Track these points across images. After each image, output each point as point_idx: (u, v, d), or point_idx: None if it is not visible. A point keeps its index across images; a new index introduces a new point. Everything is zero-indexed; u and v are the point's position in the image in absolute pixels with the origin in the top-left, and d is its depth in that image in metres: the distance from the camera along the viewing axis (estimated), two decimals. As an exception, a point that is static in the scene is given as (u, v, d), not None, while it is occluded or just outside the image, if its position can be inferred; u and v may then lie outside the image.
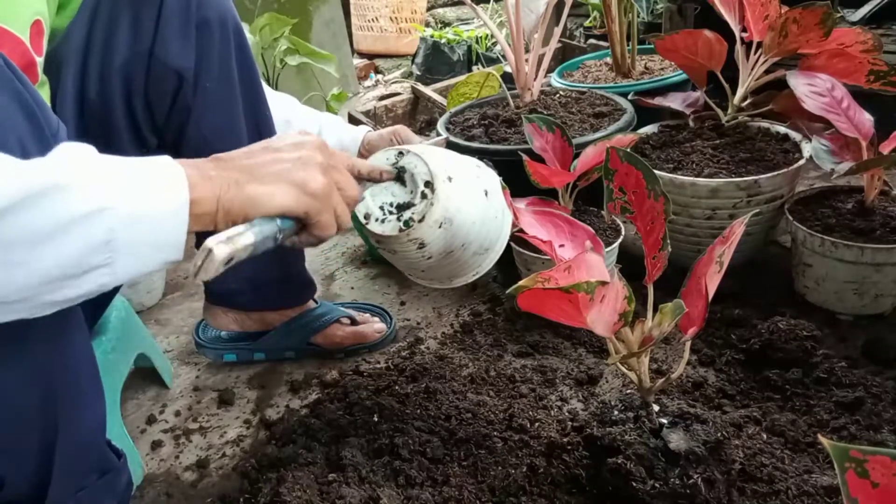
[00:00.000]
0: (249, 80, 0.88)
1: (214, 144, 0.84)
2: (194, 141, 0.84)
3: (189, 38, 0.78)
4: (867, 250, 0.92)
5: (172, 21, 0.77)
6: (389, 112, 2.09)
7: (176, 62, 0.78)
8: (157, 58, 0.77)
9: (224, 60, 0.83)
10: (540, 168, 1.01)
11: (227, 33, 0.83)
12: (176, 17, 0.77)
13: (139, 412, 1.02)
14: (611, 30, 1.62)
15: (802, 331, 0.91)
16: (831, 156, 1.01)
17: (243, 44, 0.86)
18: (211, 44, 0.81)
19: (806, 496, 0.70)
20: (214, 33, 0.81)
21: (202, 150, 0.83)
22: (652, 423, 0.71)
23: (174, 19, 0.77)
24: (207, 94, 0.82)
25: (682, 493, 0.65)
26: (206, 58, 0.81)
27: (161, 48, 0.77)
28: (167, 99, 0.81)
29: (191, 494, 0.86)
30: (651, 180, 0.68)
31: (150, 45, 0.76)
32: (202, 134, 0.84)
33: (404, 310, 1.20)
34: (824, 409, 0.82)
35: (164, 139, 0.84)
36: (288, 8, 2.36)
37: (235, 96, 0.86)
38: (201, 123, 0.83)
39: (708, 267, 0.65)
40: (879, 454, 0.35)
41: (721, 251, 0.65)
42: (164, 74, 0.78)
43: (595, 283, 0.58)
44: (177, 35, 0.77)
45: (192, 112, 0.82)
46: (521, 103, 1.34)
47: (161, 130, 0.83)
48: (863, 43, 1.05)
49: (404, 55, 3.42)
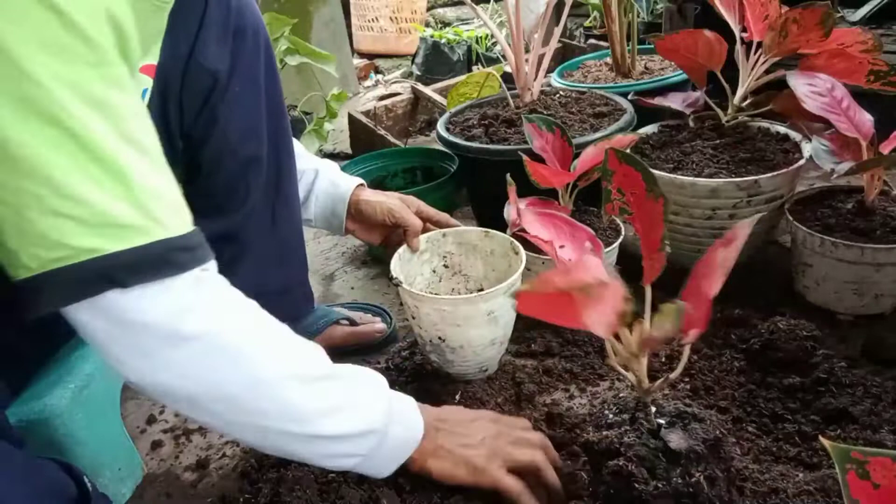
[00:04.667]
0: (273, 89, 0.89)
1: (236, 147, 0.85)
2: (218, 142, 0.84)
3: (226, 43, 0.80)
4: (867, 250, 0.92)
5: (213, 28, 0.78)
6: (389, 112, 2.09)
7: (212, 64, 0.79)
8: (195, 60, 0.78)
9: (253, 67, 0.85)
10: (540, 168, 1.01)
11: (259, 42, 0.84)
12: (217, 24, 0.79)
13: (139, 412, 1.02)
14: (611, 30, 1.62)
15: (802, 331, 0.91)
16: (831, 156, 1.01)
17: (270, 54, 0.88)
18: (244, 50, 0.82)
19: (806, 496, 0.70)
20: (248, 41, 0.83)
21: (224, 151, 0.85)
22: (650, 424, 0.71)
23: (215, 26, 0.79)
24: (235, 97, 0.83)
25: (685, 491, 0.65)
26: (239, 63, 0.82)
27: (200, 52, 0.78)
28: (198, 100, 0.81)
29: (191, 494, 0.86)
30: (650, 181, 0.68)
31: (190, 50, 0.77)
32: (226, 136, 0.85)
33: (404, 310, 1.20)
34: (824, 409, 0.82)
35: (190, 141, 0.84)
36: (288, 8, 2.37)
37: (260, 102, 0.87)
38: (227, 126, 0.84)
39: (709, 269, 0.65)
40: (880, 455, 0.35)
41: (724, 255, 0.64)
42: (200, 75, 0.79)
43: (594, 284, 0.58)
44: (215, 40, 0.79)
45: (219, 114, 0.83)
46: (521, 103, 1.34)
47: (188, 133, 0.83)
48: (863, 43, 1.05)
49: (404, 55, 3.42)
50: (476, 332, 0.87)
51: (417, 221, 1.01)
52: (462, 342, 0.88)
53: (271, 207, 0.92)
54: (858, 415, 0.80)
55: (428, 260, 1.03)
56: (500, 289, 0.85)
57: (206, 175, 0.86)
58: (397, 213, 1.01)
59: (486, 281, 1.03)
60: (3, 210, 0.50)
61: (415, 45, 3.02)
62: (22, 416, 0.74)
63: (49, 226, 0.50)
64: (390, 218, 1.01)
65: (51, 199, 0.49)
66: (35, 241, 0.50)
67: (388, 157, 1.60)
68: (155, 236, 0.54)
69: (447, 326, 0.86)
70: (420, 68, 2.87)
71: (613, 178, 0.71)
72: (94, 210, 0.51)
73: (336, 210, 1.03)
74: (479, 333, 0.87)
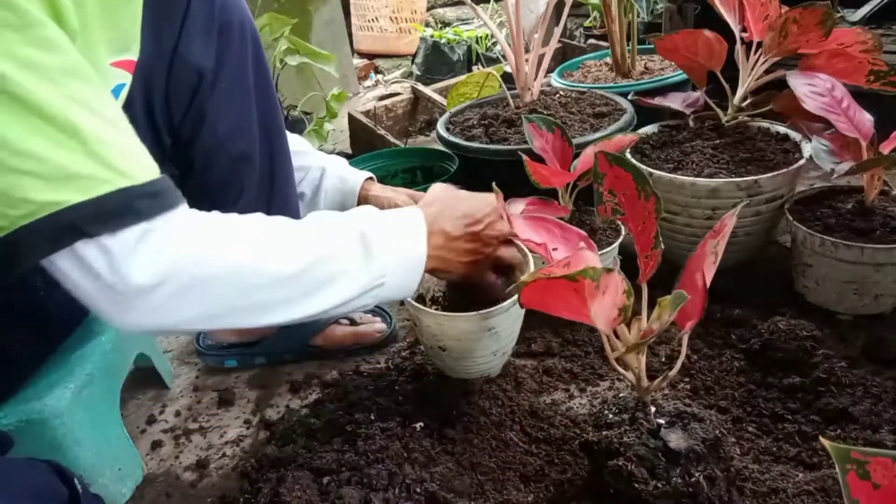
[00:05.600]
0: (263, 84, 0.89)
1: (226, 145, 0.85)
2: (208, 140, 0.84)
3: (211, 39, 0.80)
4: (867, 250, 0.92)
5: (197, 23, 0.78)
6: (389, 112, 2.09)
7: (197, 60, 0.79)
8: (180, 55, 0.78)
9: (241, 63, 0.84)
10: (540, 168, 1.01)
11: (246, 37, 0.84)
12: (200, 19, 0.78)
13: (139, 412, 1.02)
14: (611, 30, 1.62)
15: (802, 331, 0.91)
16: (831, 156, 1.01)
17: (259, 49, 0.87)
18: (230, 46, 0.82)
19: (805, 496, 0.70)
20: (234, 36, 0.82)
21: (215, 149, 0.85)
22: (650, 424, 0.71)
23: (198, 21, 0.78)
24: (223, 94, 0.83)
25: (685, 491, 0.65)
26: (225, 59, 0.82)
27: (185, 47, 0.77)
28: (185, 98, 0.81)
29: (191, 494, 0.86)
30: (641, 181, 0.68)
31: (174, 45, 0.77)
32: (215, 134, 0.84)
33: (404, 310, 1.20)
34: (824, 409, 0.82)
35: (179, 139, 0.84)
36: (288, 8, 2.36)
37: (250, 99, 0.86)
38: (216, 124, 0.84)
39: (702, 261, 0.66)
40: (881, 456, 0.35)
41: (715, 243, 0.65)
42: (185, 72, 0.79)
43: (601, 269, 0.58)
44: (200, 35, 0.78)
45: (207, 112, 0.82)
46: (521, 103, 1.34)
47: (177, 130, 0.83)
48: (863, 43, 1.05)
49: (404, 55, 3.41)
50: (476, 345, 0.86)
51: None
52: (463, 353, 0.88)
53: (266, 204, 0.92)
54: (858, 415, 0.80)
55: None
56: (501, 307, 0.84)
57: (199, 172, 0.86)
58: None
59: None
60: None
61: (415, 45, 3.02)
62: (21, 417, 0.74)
63: (10, 184, 0.51)
64: None
65: (8, 160, 0.51)
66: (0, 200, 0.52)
67: (388, 157, 1.60)
68: (116, 185, 0.55)
69: (447, 339, 0.86)
70: (420, 68, 2.87)
71: (604, 180, 0.71)
72: (51, 165, 0.52)
73: (345, 204, 1.03)
74: (480, 346, 0.87)
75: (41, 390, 0.77)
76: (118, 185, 0.55)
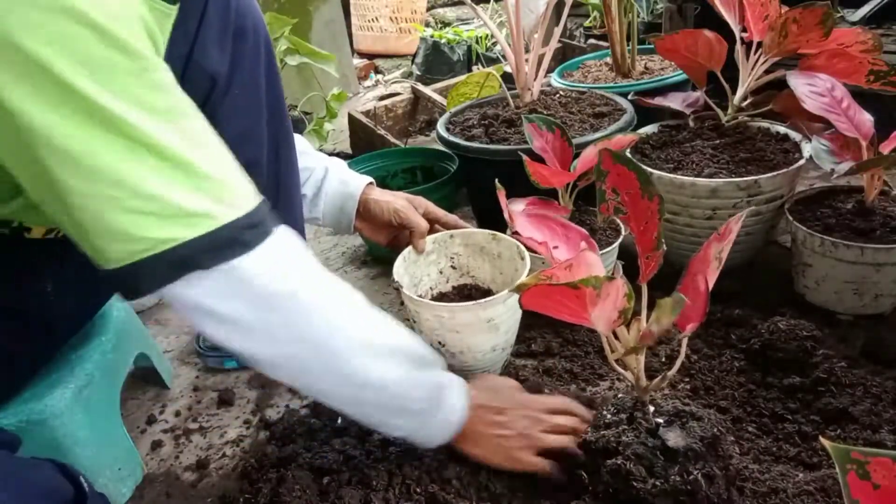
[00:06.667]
0: (274, 91, 0.88)
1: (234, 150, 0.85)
2: None
3: (226, 44, 0.79)
4: (867, 250, 0.92)
5: (213, 28, 0.77)
6: (389, 112, 2.09)
7: (211, 66, 0.78)
8: (195, 61, 0.77)
9: (253, 68, 0.84)
10: (540, 168, 1.01)
11: (259, 41, 0.83)
12: (216, 25, 0.78)
13: (139, 412, 1.02)
14: (611, 30, 1.62)
15: (802, 331, 0.91)
16: (831, 156, 1.01)
17: (270, 52, 0.87)
18: (244, 51, 0.81)
19: (806, 496, 0.70)
20: (248, 41, 0.82)
21: None
22: (648, 423, 0.71)
23: (214, 26, 0.77)
24: (235, 100, 0.82)
25: (684, 489, 0.65)
26: (239, 64, 0.81)
27: (199, 52, 0.77)
28: (198, 102, 0.80)
29: (191, 494, 0.86)
30: (645, 181, 0.68)
31: (189, 50, 0.76)
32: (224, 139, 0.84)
33: (404, 310, 1.20)
34: (824, 409, 0.82)
35: None
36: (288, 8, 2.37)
37: (261, 104, 0.86)
38: (226, 129, 0.83)
39: (704, 263, 0.65)
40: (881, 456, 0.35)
41: (719, 248, 0.65)
42: (199, 78, 0.78)
43: (602, 277, 0.58)
44: (215, 41, 0.78)
45: (217, 117, 0.81)
46: (521, 103, 1.34)
47: None
48: (863, 43, 1.05)
49: (404, 55, 3.42)
50: (475, 339, 0.86)
51: (423, 223, 1.01)
52: (462, 348, 0.88)
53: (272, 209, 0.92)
54: (858, 415, 0.80)
55: (435, 261, 1.03)
56: (499, 297, 0.84)
57: None
58: (403, 214, 1.01)
59: (494, 284, 1.03)
60: (85, 215, 0.55)
61: (415, 45, 3.02)
62: (22, 417, 0.75)
63: (128, 222, 0.55)
64: (396, 218, 1.01)
65: (127, 200, 0.55)
66: (118, 237, 0.55)
67: (388, 157, 1.60)
68: (223, 220, 0.58)
69: (446, 332, 0.86)
70: (420, 68, 2.86)
71: (607, 178, 0.71)
72: (167, 204, 0.56)
73: (345, 208, 1.03)
74: (479, 340, 0.87)
75: (41, 390, 0.77)
76: (227, 220, 0.59)
